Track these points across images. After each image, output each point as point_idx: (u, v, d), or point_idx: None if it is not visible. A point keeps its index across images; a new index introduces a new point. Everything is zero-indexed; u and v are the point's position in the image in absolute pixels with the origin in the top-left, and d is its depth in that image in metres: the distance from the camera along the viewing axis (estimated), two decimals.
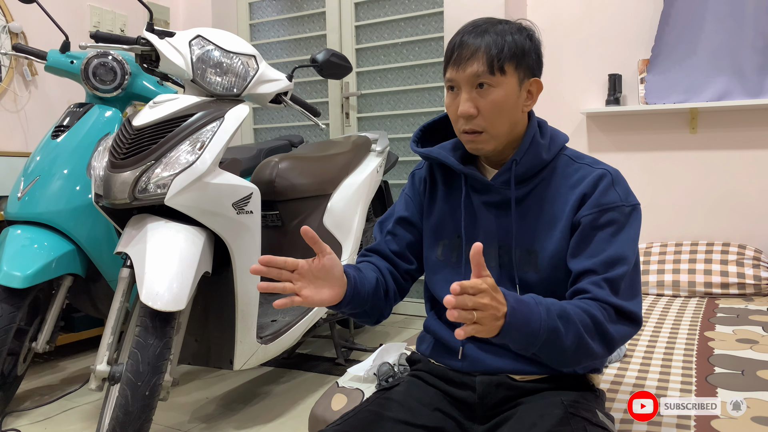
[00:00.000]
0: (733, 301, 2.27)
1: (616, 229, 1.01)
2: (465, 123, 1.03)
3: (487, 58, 1.00)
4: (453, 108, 1.05)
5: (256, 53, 1.91)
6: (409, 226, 1.20)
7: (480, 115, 1.02)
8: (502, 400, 1.06)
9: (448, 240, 1.14)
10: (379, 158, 2.72)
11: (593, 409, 1.00)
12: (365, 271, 1.10)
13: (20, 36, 2.92)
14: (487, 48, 1.00)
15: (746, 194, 2.69)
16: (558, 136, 1.11)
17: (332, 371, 2.54)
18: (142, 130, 1.71)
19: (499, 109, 1.02)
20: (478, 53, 1.00)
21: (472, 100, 1.02)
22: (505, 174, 1.07)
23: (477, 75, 1.00)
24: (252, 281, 1.86)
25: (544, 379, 1.06)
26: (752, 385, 1.36)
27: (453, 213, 1.14)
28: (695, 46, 2.67)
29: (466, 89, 1.02)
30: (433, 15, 3.32)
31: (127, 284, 1.69)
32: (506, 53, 1.00)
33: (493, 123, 1.03)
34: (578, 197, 1.04)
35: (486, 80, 1.01)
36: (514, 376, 1.06)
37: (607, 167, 1.07)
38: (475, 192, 1.12)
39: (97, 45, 1.85)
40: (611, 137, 2.92)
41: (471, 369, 1.08)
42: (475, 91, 1.02)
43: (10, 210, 2.07)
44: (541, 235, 1.06)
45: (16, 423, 2.05)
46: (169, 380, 1.67)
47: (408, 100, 3.44)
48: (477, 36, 1.02)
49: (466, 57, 1.01)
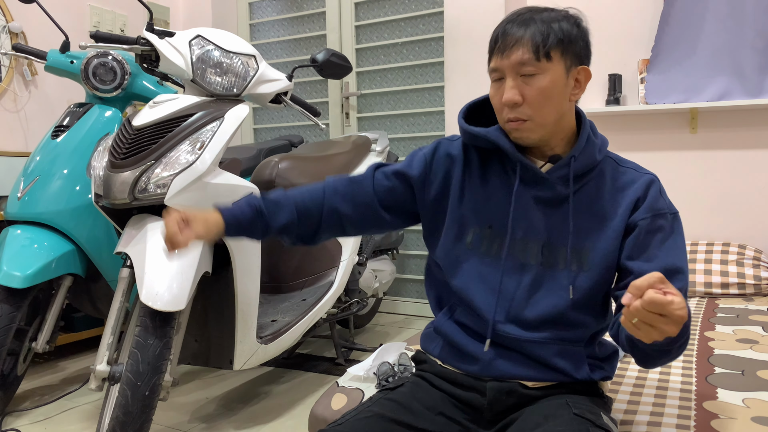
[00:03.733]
0: (733, 301, 2.27)
1: (666, 235, 1.03)
2: (510, 111, 1.01)
3: (533, 44, 0.98)
4: (497, 97, 1.02)
5: (256, 53, 1.91)
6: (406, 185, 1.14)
7: (525, 102, 1.00)
8: (511, 406, 1.05)
9: (479, 228, 1.09)
10: (379, 158, 2.72)
11: (598, 412, 1.00)
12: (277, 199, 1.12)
13: (20, 36, 2.92)
14: (533, 35, 0.98)
15: (746, 194, 2.69)
16: (604, 138, 1.11)
17: (332, 371, 2.54)
18: (142, 130, 1.72)
19: (546, 97, 0.99)
20: (523, 40, 0.98)
21: (517, 88, 0.99)
22: (563, 169, 1.04)
23: (522, 62, 0.98)
24: (252, 281, 1.86)
25: (555, 386, 1.06)
26: (752, 385, 1.36)
27: (488, 200, 1.09)
28: (695, 46, 2.67)
29: (511, 76, 1.00)
30: (433, 15, 3.32)
31: (127, 284, 1.69)
32: (552, 39, 0.99)
33: (540, 111, 1.00)
34: (632, 201, 1.04)
35: (532, 67, 0.98)
36: (527, 383, 1.05)
37: (651, 173, 1.08)
38: (523, 184, 1.07)
39: (97, 45, 1.85)
40: (611, 137, 2.92)
41: (484, 374, 1.06)
42: (521, 79, 0.99)
43: (10, 210, 2.07)
44: (592, 234, 1.05)
45: (16, 423, 2.05)
46: (169, 380, 1.67)
47: (408, 100, 3.44)
48: (521, 25, 1.00)
49: (511, 44, 0.99)
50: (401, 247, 3.49)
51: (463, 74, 3.10)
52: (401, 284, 3.54)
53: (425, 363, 1.17)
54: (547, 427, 0.93)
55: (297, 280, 2.38)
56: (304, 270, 2.39)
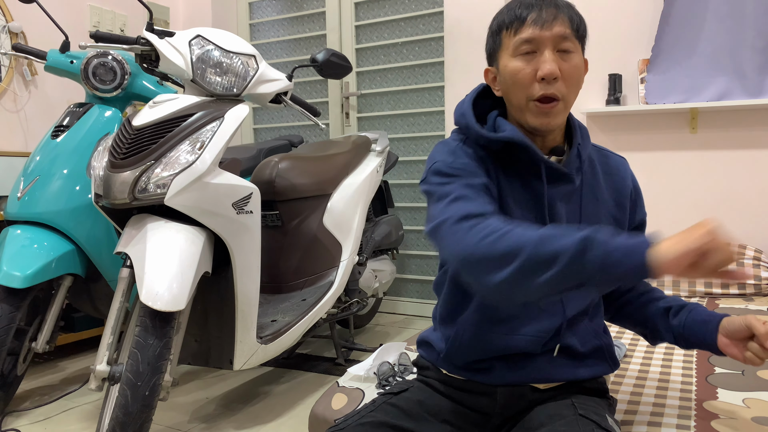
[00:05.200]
0: (733, 301, 2.27)
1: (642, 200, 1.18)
2: (545, 87, 0.96)
3: (570, 21, 0.97)
4: (528, 71, 0.96)
5: (256, 53, 1.91)
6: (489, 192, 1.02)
7: (562, 79, 0.96)
8: (522, 410, 1.05)
9: None
10: (379, 158, 2.72)
11: (603, 414, 0.99)
12: None
13: (20, 36, 2.92)
14: (569, 14, 0.98)
15: (746, 194, 2.69)
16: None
17: (332, 371, 2.54)
18: (141, 130, 1.71)
19: (578, 77, 0.98)
20: (560, 15, 0.97)
21: (556, 62, 0.96)
22: (576, 161, 1.04)
23: (564, 36, 0.96)
24: (252, 281, 1.86)
25: (564, 386, 1.05)
26: (752, 385, 1.36)
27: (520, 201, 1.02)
28: (695, 46, 2.67)
29: (550, 49, 0.96)
30: (433, 15, 3.32)
31: (127, 284, 1.69)
32: (583, 23, 1.00)
33: (572, 90, 0.98)
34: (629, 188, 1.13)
35: (571, 43, 0.97)
36: (537, 385, 1.05)
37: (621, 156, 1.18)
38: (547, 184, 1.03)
39: (97, 45, 1.85)
40: (611, 137, 2.92)
41: (494, 382, 1.05)
42: (557, 54, 0.97)
43: (10, 210, 2.07)
44: (602, 220, 1.08)
45: (16, 423, 2.05)
46: (169, 380, 1.67)
47: (408, 100, 3.44)
48: (548, 5, 0.98)
49: (550, 17, 0.96)
50: (401, 247, 3.49)
51: (463, 74, 3.10)
52: (401, 284, 3.54)
53: (428, 369, 1.14)
54: (552, 427, 0.93)
55: (297, 280, 2.37)
56: (304, 270, 2.39)
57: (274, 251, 2.38)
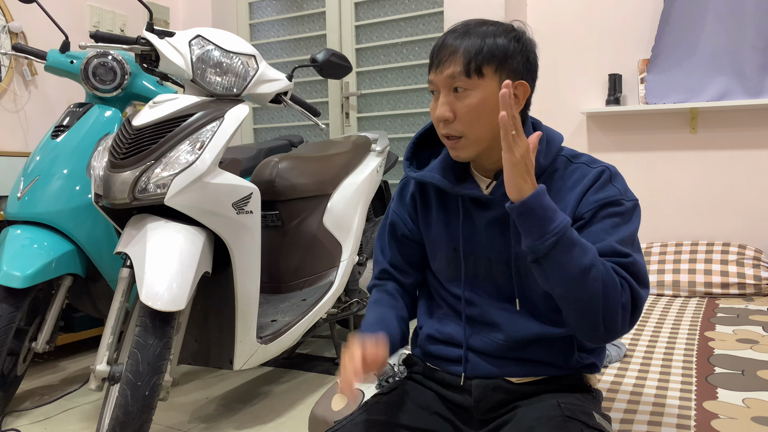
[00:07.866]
0: (733, 301, 2.27)
1: (619, 222, 0.98)
2: (443, 127, 1.01)
3: (465, 60, 0.96)
4: (433, 112, 1.02)
5: (256, 53, 1.91)
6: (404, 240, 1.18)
7: (457, 119, 0.99)
8: (498, 403, 1.05)
9: (446, 252, 1.11)
10: (379, 158, 2.72)
11: (590, 411, 0.99)
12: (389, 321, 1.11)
13: (20, 36, 2.92)
14: (466, 50, 0.97)
15: (746, 194, 2.69)
16: (554, 138, 1.07)
17: (332, 371, 2.54)
18: (141, 130, 1.71)
19: (477, 113, 0.98)
20: (456, 55, 0.97)
21: (449, 104, 0.99)
22: (502, 186, 1.00)
23: (452, 77, 0.97)
24: (252, 281, 1.86)
25: (541, 381, 1.06)
26: (752, 385, 1.36)
27: (447, 226, 1.11)
28: (695, 46, 2.67)
29: (444, 92, 0.99)
30: (433, 15, 3.32)
31: (127, 284, 1.69)
32: (485, 55, 0.97)
33: (471, 128, 0.99)
34: (578, 196, 1.01)
35: (461, 83, 0.97)
36: (511, 378, 1.06)
37: (605, 164, 1.04)
38: (475, 207, 1.07)
39: (97, 45, 1.85)
40: (611, 137, 2.92)
41: (469, 374, 1.07)
42: (453, 95, 0.99)
43: (10, 210, 2.07)
44: None
45: (16, 423, 2.05)
46: (169, 380, 1.67)
47: (408, 100, 3.44)
48: (458, 37, 0.99)
49: (444, 59, 0.98)
50: None
51: None
52: None
53: (416, 365, 1.18)
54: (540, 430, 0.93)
55: (297, 280, 2.37)
56: (304, 270, 2.39)
57: (274, 251, 2.38)
